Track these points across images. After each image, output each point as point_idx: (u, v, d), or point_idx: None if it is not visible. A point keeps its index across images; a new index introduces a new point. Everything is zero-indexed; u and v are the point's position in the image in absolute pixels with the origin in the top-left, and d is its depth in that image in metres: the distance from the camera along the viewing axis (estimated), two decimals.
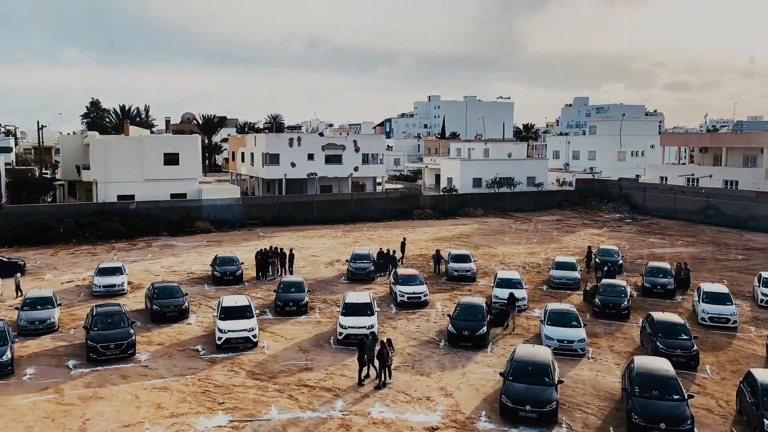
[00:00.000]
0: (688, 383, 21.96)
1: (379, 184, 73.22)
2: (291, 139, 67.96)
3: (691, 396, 19.57)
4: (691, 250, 42.45)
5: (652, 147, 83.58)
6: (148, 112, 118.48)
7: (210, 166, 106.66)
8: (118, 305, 27.87)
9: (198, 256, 43.65)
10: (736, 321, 28.79)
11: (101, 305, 27.82)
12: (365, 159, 69.71)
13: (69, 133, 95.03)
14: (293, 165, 66.40)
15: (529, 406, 19.27)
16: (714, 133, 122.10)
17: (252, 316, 26.75)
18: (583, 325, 26.17)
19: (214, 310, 28.52)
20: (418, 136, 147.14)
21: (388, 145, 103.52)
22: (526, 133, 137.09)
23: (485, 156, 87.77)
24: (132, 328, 25.68)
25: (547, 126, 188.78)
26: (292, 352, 25.54)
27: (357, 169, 69.07)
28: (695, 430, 18.43)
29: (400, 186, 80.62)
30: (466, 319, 26.48)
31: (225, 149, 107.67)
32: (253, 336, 25.99)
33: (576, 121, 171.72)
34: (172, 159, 58.12)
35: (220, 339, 25.70)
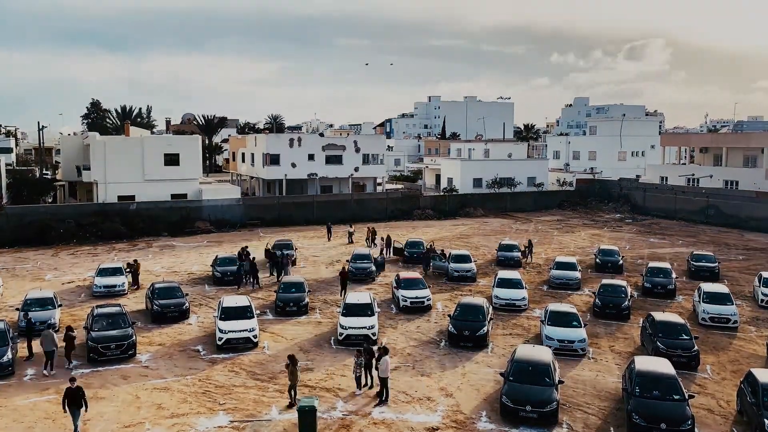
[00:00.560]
0: (688, 383, 21.96)
1: (380, 184, 73.23)
2: (291, 140, 68.00)
3: (691, 396, 19.57)
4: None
5: (653, 147, 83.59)
6: (150, 112, 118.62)
7: (210, 166, 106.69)
8: (119, 305, 27.90)
9: (198, 257, 43.66)
10: (736, 321, 28.78)
11: (102, 306, 27.85)
12: (365, 159, 69.74)
13: (69, 134, 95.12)
14: (294, 165, 66.43)
15: (529, 407, 19.27)
16: (714, 133, 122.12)
17: (252, 317, 26.76)
18: (584, 326, 26.18)
19: (215, 310, 28.53)
20: (419, 137, 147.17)
21: (388, 146, 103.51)
22: (527, 134, 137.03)
23: (485, 156, 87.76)
24: (132, 328, 25.68)
25: (547, 126, 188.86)
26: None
27: (357, 169, 69.09)
28: (696, 430, 18.42)
29: (400, 186, 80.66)
30: (467, 319, 26.50)
31: (225, 150, 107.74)
32: (254, 336, 26.00)
33: (576, 122, 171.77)
34: (172, 159, 58.14)
35: (220, 339, 25.70)
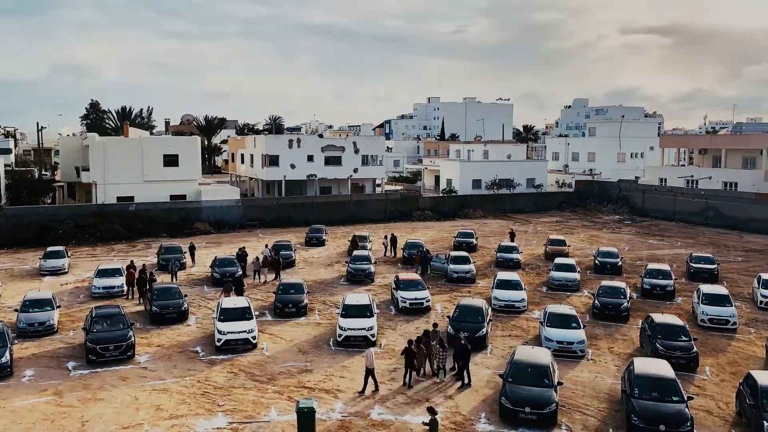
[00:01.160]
0: (687, 385, 21.95)
1: (379, 185, 73.22)
2: (290, 141, 67.99)
3: (690, 397, 19.56)
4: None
5: (652, 149, 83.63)
6: (150, 113, 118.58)
7: (209, 167, 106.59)
8: (118, 307, 27.86)
9: (197, 258, 43.59)
10: (735, 323, 28.77)
11: (100, 307, 27.83)
12: (365, 160, 69.73)
13: (68, 135, 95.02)
14: (293, 166, 66.41)
15: (528, 408, 19.26)
16: (713, 134, 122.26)
17: (251, 318, 26.72)
18: (583, 327, 26.18)
19: (214, 311, 28.50)
20: (418, 138, 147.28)
21: (387, 147, 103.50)
22: (526, 135, 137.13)
23: (485, 157, 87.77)
24: (131, 329, 25.65)
25: (546, 127, 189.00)
26: (291, 354, 25.52)
27: (356, 170, 69.07)
28: (695, 431, 18.42)
29: (399, 187, 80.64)
30: (466, 320, 26.48)
31: (224, 151, 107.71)
32: (253, 337, 25.98)
33: (575, 123, 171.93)
34: (171, 160, 58.11)
35: (219, 340, 25.68)
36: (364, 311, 27.08)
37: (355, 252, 40.35)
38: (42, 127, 72.28)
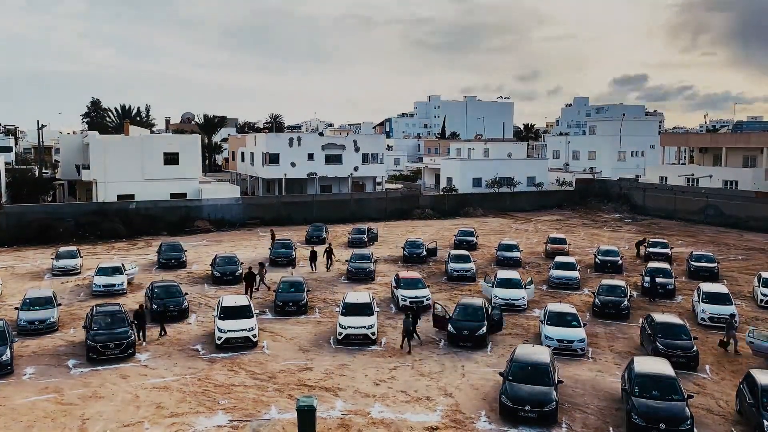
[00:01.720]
0: (687, 383, 21.94)
1: (379, 183, 73.24)
2: (291, 139, 68.01)
3: (690, 396, 19.58)
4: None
5: (652, 147, 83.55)
6: (148, 111, 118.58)
7: (210, 165, 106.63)
8: (118, 305, 27.87)
9: (197, 256, 43.61)
10: (736, 322, 28.72)
11: (101, 305, 27.84)
12: (365, 159, 69.75)
13: (69, 133, 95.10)
14: (293, 165, 66.43)
15: (528, 406, 19.28)
16: (714, 133, 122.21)
17: (252, 316, 26.75)
18: (583, 325, 26.19)
19: (214, 309, 28.52)
20: (418, 136, 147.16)
21: (388, 145, 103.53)
22: (526, 133, 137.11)
23: (485, 156, 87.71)
24: (132, 327, 25.66)
25: (547, 126, 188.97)
26: (291, 352, 25.53)
27: (357, 168, 69.08)
28: (695, 430, 18.42)
29: (400, 186, 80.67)
30: (466, 319, 26.49)
31: (225, 149, 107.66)
32: (253, 336, 25.99)
33: (576, 121, 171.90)
34: (172, 159, 58.16)
35: (219, 339, 25.70)
36: (364, 309, 27.10)
37: (355, 251, 40.29)
38: (42, 125, 72.31)
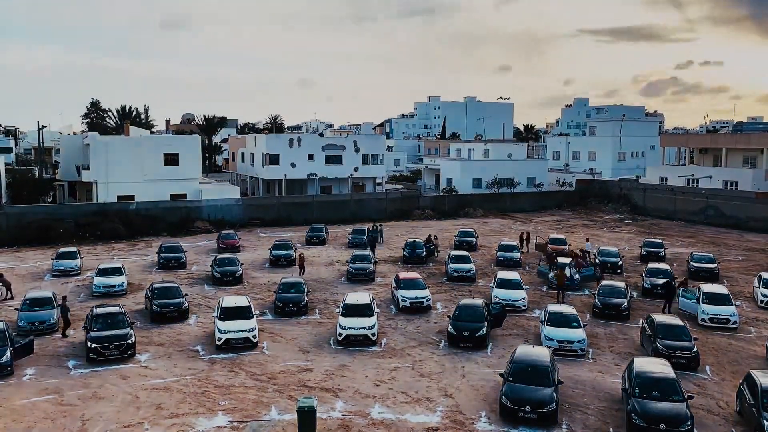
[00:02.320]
0: (688, 384, 21.95)
1: (379, 184, 73.23)
2: (291, 140, 68.02)
3: (691, 397, 19.58)
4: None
5: (652, 148, 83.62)
6: (147, 112, 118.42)
7: (210, 166, 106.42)
8: (118, 305, 27.88)
9: (198, 257, 43.62)
10: (736, 322, 28.77)
11: (101, 305, 27.84)
12: (365, 159, 69.76)
13: (69, 134, 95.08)
14: (293, 165, 66.43)
15: (528, 407, 19.27)
16: (714, 134, 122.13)
17: (252, 317, 26.75)
18: (583, 326, 26.19)
19: (214, 310, 28.51)
20: (418, 137, 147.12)
21: (388, 146, 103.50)
22: (526, 134, 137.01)
23: (485, 156, 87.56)
24: (132, 328, 25.67)
25: (547, 127, 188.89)
26: (291, 353, 25.53)
27: (357, 169, 69.08)
28: (695, 430, 18.43)
29: (400, 186, 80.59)
30: (466, 319, 26.49)
31: (225, 150, 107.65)
32: (253, 336, 25.99)
33: (576, 122, 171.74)
34: (172, 159, 58.14)
35: (219, 339, 25.69)
36: (364, 310, 27.09)
37: (355, 252, 40.32)
38: (42, 126, 72.27)
